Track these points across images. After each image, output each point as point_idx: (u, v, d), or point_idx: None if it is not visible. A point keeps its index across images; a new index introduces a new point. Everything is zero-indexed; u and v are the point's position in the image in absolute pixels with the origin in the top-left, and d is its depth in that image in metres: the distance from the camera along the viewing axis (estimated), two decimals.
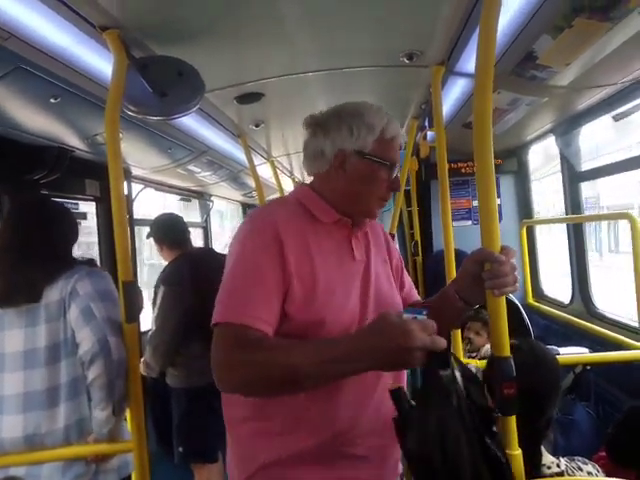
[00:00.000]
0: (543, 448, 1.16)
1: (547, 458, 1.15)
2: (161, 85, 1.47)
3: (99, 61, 1.51)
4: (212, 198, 4.47)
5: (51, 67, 1.43)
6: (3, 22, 1.18)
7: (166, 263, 2.41)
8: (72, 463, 1.42)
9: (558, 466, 1.13)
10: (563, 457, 1.18)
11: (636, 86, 1.97)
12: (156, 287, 2.29)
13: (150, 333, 2.23)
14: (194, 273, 2.25)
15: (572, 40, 1.58)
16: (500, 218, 3.50)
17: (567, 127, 2.55)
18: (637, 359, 1.91)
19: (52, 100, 1.60)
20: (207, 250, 2.56)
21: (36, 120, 1.77)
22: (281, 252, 0.97)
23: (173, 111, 1.50)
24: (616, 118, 2.15)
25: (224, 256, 2.73)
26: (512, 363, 1.00)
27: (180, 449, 2.27)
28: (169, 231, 2.43)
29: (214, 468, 2.33)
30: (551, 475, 1.10)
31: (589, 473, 1.13)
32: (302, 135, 3.37)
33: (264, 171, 3.83)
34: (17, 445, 1.39)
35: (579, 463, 1.16)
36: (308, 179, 4.32)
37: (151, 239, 2.50)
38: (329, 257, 1.03)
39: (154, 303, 2.27)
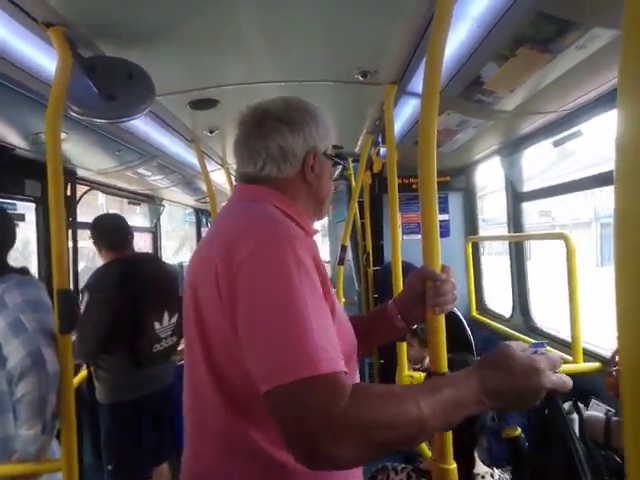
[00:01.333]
0: (477, 457, 1.19)
1: (481, 468, 1.18)
2: (109, 87, 1.42)
3: (43, 58, 1.44)
4: (163, 202, 4.36)
5: None
6: None
7: None
8: None
9: (492, 476, 1.16)
10: (497, 467, 1.22)
11: (574, 114, 2.10)
12: (81, 293, 2.16)
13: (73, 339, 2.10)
14: (122, 280, 2.11)
15: (516, 68, 1.66)
16: (448, 233, 3.63)
17: (511, 150, 2.68)
18: (570, 372, 2.01)
19: None
20: (145, 255, 2.44)
21: None
22: (314, 271, 0.79)
23: (121, 114, 1.45)
24: (556, 144, 2.28)
25: (163, 263, 2.63)
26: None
27: (109, 467, 2.17)
28: (108, 233, 2.30)
29: None
30: None
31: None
32: None
33: (218, 177, 3.78)
34: None
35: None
36: None
37: None
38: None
39: (78, 309, 2.12)
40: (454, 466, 1.04)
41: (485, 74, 1.75)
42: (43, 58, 1.44)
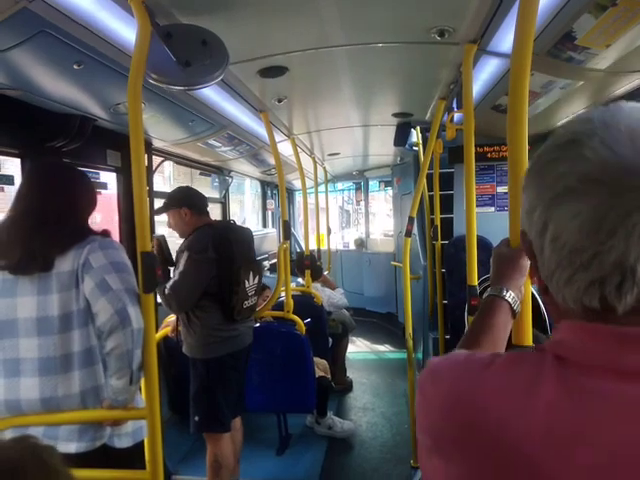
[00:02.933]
0: None
1: None
2: (185, 54, 1.44)
3: (124, 28, 1.49)
4: (231, 174, 4.46)
5: (75, 32, 1.41)
6: None
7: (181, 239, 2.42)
8: (88, 426, 1.45)
9: None
10: None
11: None
12: (179, 252, 2.30)
13: (167, 293, 2.23)
14: (217, 243, 2.27)
15: (615, 20, 1.49)
16: None
17: None
18: None
19: (76, 67, 1.58)
20: (229, 223, 2.58)
21: (60, 87, 1.76)
22: None
23: (196, 81, 1.47)
24: None
25: (246, 229, 2.78)
26: None
27: (196, 418, 2.31)
28: (198, 199, 2.45)
29: (226, 437, 2.38)
30: None
31: None
32: (325, 112, 3.34)
33: (284, 148, 3.80)
34: (34, 407, 1.42)
35: None
36: (327, 159, 4.29)
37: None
38: None
39: (175, 269, 2.28)
40: None
41: (578, 28, 1.59)
42: (123, 28, 1.49)
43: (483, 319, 0.86)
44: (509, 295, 0.88)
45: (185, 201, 2.39)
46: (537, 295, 2.87)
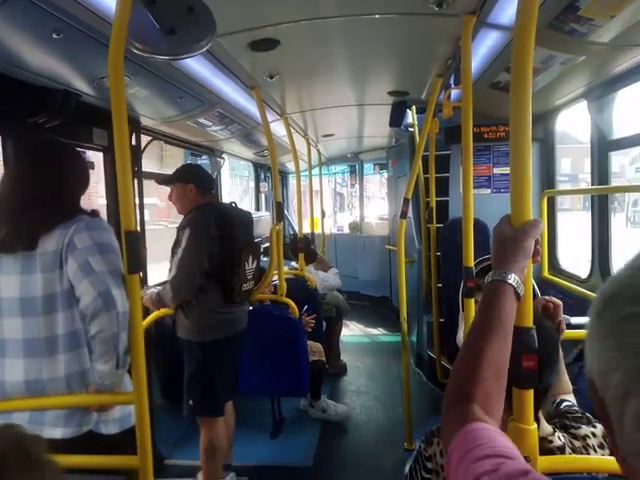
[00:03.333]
0: (541, 416, 1.10)
1: (546, 430, 1.08)
2: (169, 22, 1.36)
3: None
4: (223, 155, 4.37)
5: None
6: None
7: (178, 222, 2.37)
8: (74, 412, 1.41)
9: (559, 439, 1.07)
10: (557, 425, 1.12)
11: None
12: (180, 230, 2.26)
13: (171, 274, 2.20)
14: (220, 222, 2.24)
15: None
16: None
17: (602, 91, 2.39)
18: None
19: (54, 35, 1.49)
20: (230, 204, 2.56)
21: (38, 57, 1.67)
22: None
23: (181, 51, 1.40)
24: None
25: (246, 212, 2.76)
26: (534, 335, 0.93)
27: (190, 402, 2.28)
28: (205, 177, 2.43)
29: (220, 421, 2.36)
30: (552, 450, 1.04)
31: (584, 437, 1.06)
32: (319, 90, 3.24)
33: (277, 128, 3.71)
34: (19, 390, 1.38)
35: (572, 431, 1.09)
36: (322, 140, 4.22)
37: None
38: None
39: (175, 246, 2.24)
40: (534, 426, 0.96)
41: None
42: None
43: (490, 307, 0.82)
44: (513, 279, 0.84)
45: (193, 178, 2.35)
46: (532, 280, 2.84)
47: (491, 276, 0.86)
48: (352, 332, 5.47)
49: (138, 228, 2.80)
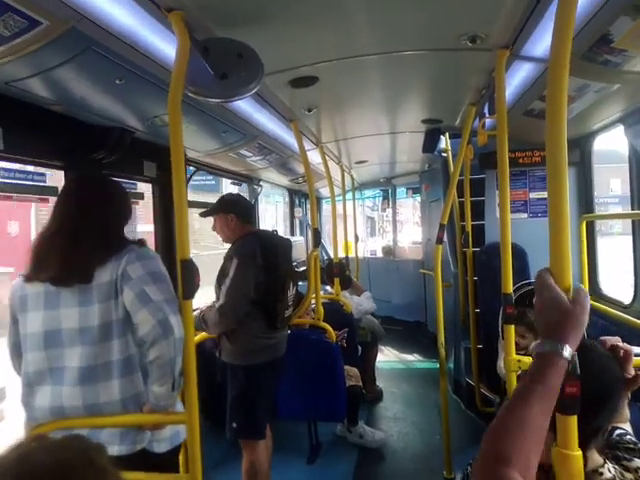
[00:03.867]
0: (592, 452, 1.08)
1: (596, 460, 1.07)
2: (221, 67, 1.48)
3: (163, 44, 1.54)
4: (260, 182, 4.52)
5: (118, 49, 1.47)
6: (76, 4, 1.22)
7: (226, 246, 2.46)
8: (129, 430, 1.49)
9: (609, 471, 1.06)
10: (608, 456, 1.10)
11: None
12: (227, 259, 2.34)
13: (219, 303, 2.26)
14: (265, 251, 2.32)
15: None
16: None
17: (638, 116, 2.39)
18: None
19: (117, 81, 1.65)
20: (272, 232, 2.66)
21: (102, 101, 1.84)
22: None
23: (233, 93, 1.51)
24: None
25: (286, 239, 2.82)
26: (576, 360, 0.95)
27: (234, 425, 2.33)
28: (247, 208, 2.53)
29: (262, 444, 2.39)
30: None
31: (637, 469, 1.04)
32: (353, 120, 3.35)
33: (312, 157, 3.83)
34: (77, 413, 1.46)
35: (624, 463, 1.07)
36: (355, 167, 4.31)
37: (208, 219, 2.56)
38: None
39: (222, 275, 2.32)
40: (579, 453, 0.97)
41: (615, 30, 1.56)
42: (161, 43, 1.54)
43: (541, 377, 0.80)
44: (569, 353, 0.82)
45: (233, 208, 2.45)
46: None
47: (544, 345, 0.84)
48: (387, 357, 5.43)
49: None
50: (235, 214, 2.42)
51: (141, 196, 2.60)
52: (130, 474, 1.42)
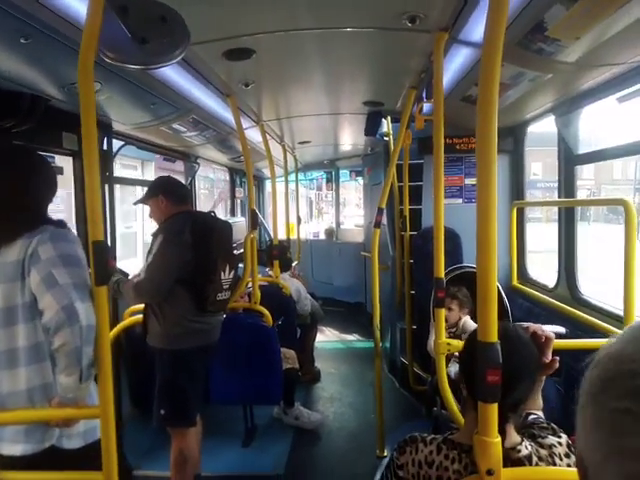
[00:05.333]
0: (511, 427, 1.11)
1: (515, 440, 1.10)
2: (142, 31, 1.35)
3: (75, 1, 1.38)
4: (198, 160, 4.33)
5: (20, 2, 1.30)
6: None
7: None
8: (36, 426, 1.37)
9: (527, 447, 1.09)
10: (524, 434, 1.13)
11: None
12: (154, 236, 2.24)
13: (137, 279, 2.17)
14: (195, 230, 2.22)
15: (585, 12, 1.48)
16: None
17: (568, 107, 2.48)
18: None
19: (22, 40, 1.46)
20: (208, 213, 2.56)
21: (6, 62, 1.63)
22: None
23: (154, 60, 1.39)
24: (621, 100, 2.07)
25: (225, 221, 2.74)
26: (499, 349, 0.96)
27: (162, 411, 2.24)
28: (174, 187, 2.41)
29: (192, 431, 2.32)
30: (519, 459, 1.06)
31: (550, 446, 1.08)
32: (294, 98, 3.25)
33: (253, 135, 3.71)
34: None
35: (539, 440, 1.11)
36: (298, 147, 4.22)
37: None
38: None
39: (148, 253, 2.22)
40: (499, 439, 0.99)
41: (549, 18, 1.57)
42: (76, 0, 1.38)
43: None
44: None
45: (161, 189, 2.34)
46: (499, 285, 2.91)
47: None
48: (327, 338, 5.48)
49: (109, 238, 2.77)
50: (164, 195, 2.31)
51: (60, 170, 2.38)
52: (39, 474, 1.32)
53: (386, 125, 3.70)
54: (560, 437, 1.11)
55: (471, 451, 1.03)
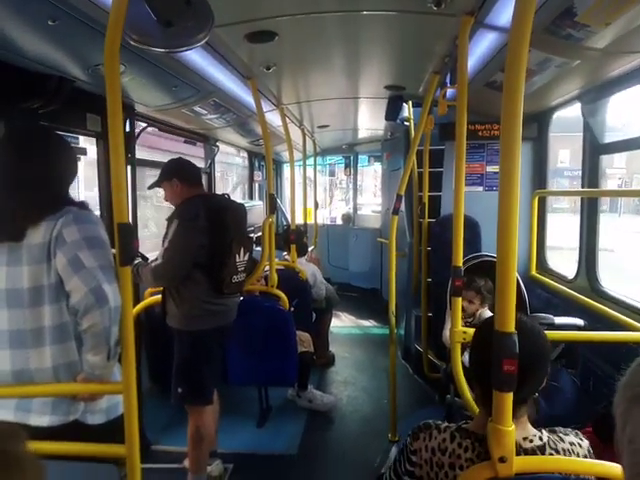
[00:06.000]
0: (524, 418, 1.12)
1: (528, 431, 1.11)
2: (167, 14, 1.35)
3: None
4: (217, 143, 4.35)
5: None
6: None
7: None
8: (62, 400, 1.42)
9: (540, 439, 1.10)
10: (545, 428, 1.15)
11: None
12: (169, 221, 2.26)
13: (155, 263, 2.21)
14: (209, 214, 2.24)
15: None
16: None
17: (595, 95, 2.41)
18: (636, 340, 1.88)
19: (50, 22, 1.48)
20: (221, 195, 2.59)
21: (33, 43, 1.66)
22: None
23: (178, 44, 1.39)
24: None
25: (239, 204, 2.76)
26: (516, 340, 0.96)
27: (179, 390, 2.30)
28: (187, 169, 2.41)
29: (209, 409, 2.38)
30: (532, 449, 1.07)
31: (571, 444, 1.10)
32: (315, 82, 3.23)
33: (273, 118, 3.70)
34: (6, 379, 1.38)
35: (561, 435, 1.12)
36: (317, 131, 4.20)
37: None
38: None
39: (165, 237, 2.24)
40: (512, 428, 1.00)
41: (579, 3, 1.53)
42: None
43: None
44: None
45: (174, 172, 2.35)
46: (517, 275, 2.88)
47: None
48: (342, 323, 5.52)
49: (130, 219, 2.82)
50: (178, 178, 2.33)
51: (83, 151, 2.43)
52: (64, 444, 1.37)
53: (407, 110, 3.66)
54: (582, 440, 1.12)
55: (484, 440, 1.04)
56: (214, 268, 2.27)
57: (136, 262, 2.28)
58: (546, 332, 1.36)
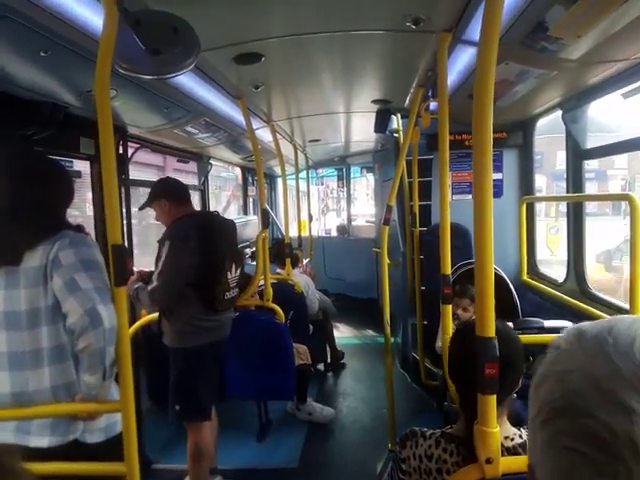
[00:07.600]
0: (503, 418, 1.16)
1: (509, 430, 1.15)
2: (154, 42, 1.40)
3: (91, 14, 1.45)
4: (210, 160, 4.41)
5: (40, 18, 1.37)
6: None
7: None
8: (60, 421, 1.45)
9: (520, 437, 1.13)
10: (523, 427, 1.18)
11: None
12: (160, 243, 2.30)
13: (151, 287, 2.23)
14: (199, 233, 2.27)
15: (586, 11, 1.50)
16: (501, 193, 3.48)
17: (575, 102, 2.48)
18: None
19: (42, 53, 1.53)
20: (210, 213, 2.64)
21: (27, 74, 1.71)
22: None
23: (167, 70, 1.44)
24: (626, 95, 2.08)
25: (229, 220, 2.80)
26: (496, 344, 1.00)
27: (177, 407, 2.32)
28: (174, 188, 2.45)
29: (207, 426, 2.40)
30: (514, 447, 1.11)
31: None
32: (304, 99, 3.31)
33: (264, 135, 3.76)
34: (5, 401, 1.41)
35: None
36: (309, 145, 4.26)
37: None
38: None
39: (158, 259, 2.28)
40: (497, 429, 1.03)
41: (550, 19, 1.60)
42: (90, 14, 1.44)
43: None
44: None
45: (163, 193, 2.39)
46: (507, 280, 2.94)
47: None
48: (340, 334, 5.53)
49: (125, 239, 2.85)
50: (166, 198, 2.37)
51: (78, 174, 2.47)
52: (64, 464, 1.39)
53: (396, 122, 3.73)
54: None
55: (467, 443, 1.08)
56: (207, 286, 2.31)
57: (135, 286, 2.31)
58: (535, 335, 1.41)
